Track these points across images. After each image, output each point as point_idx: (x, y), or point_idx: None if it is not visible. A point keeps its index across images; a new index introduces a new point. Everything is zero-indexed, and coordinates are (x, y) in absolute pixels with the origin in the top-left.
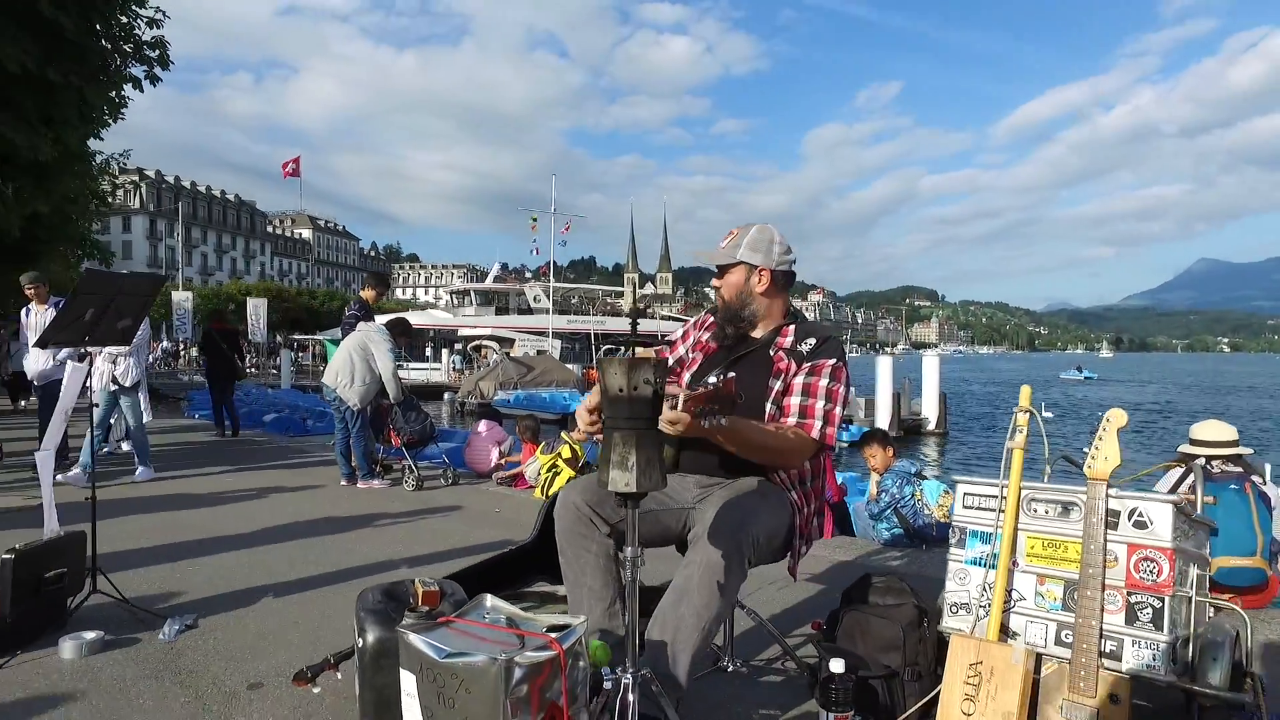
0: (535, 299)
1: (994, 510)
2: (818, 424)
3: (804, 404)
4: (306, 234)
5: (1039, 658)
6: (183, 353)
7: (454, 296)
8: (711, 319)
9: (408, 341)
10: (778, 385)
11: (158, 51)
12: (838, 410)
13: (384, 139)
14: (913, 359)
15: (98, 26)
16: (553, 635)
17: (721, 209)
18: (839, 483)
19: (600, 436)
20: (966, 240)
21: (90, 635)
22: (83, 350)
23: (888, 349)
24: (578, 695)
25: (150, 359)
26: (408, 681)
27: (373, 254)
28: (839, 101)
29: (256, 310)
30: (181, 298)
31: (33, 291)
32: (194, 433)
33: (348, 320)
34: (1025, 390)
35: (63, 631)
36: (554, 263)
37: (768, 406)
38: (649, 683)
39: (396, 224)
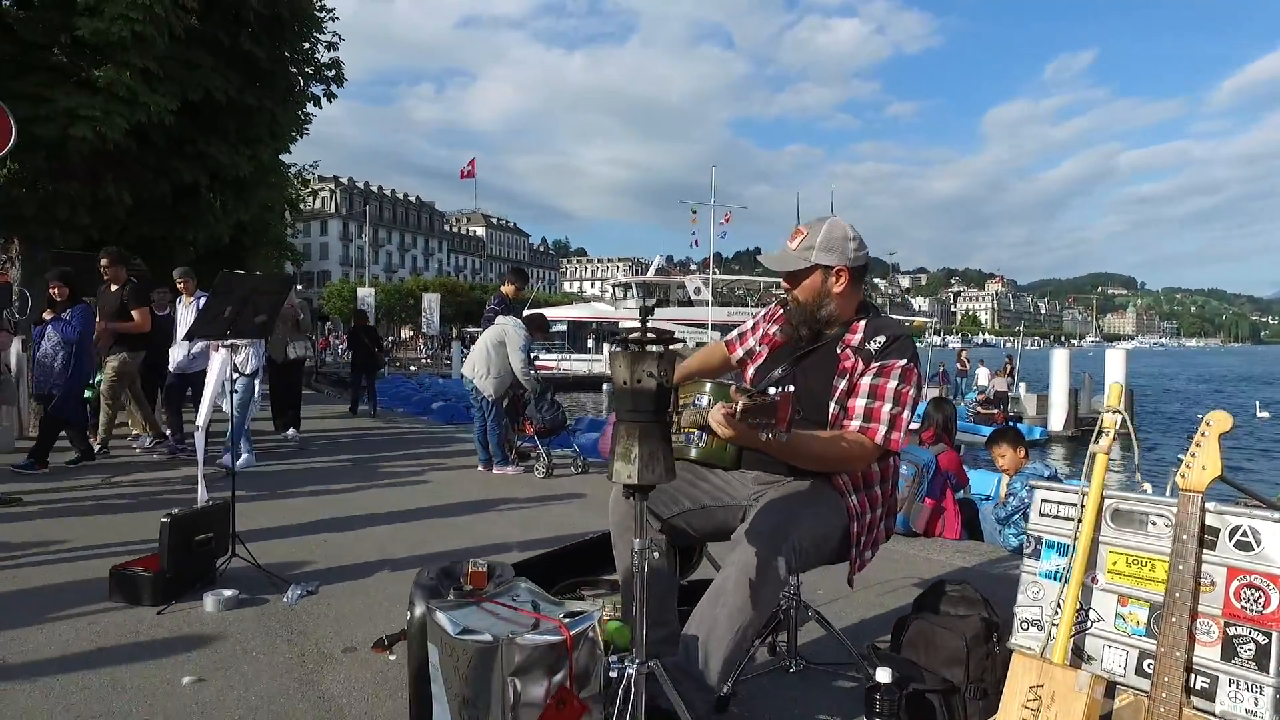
0: (696, 291)
1: (1073, 520)
2: (882, 429)
3: (869, 407)
4: (480, 231)
5: (1112, 687)
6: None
7: (616, 289)
8: (781, 311)
9: (544, 335)
10: (842, 385)
11: (334, 71)
12: (905, 414)
13: (554, 137)
14: (1102, 353)
15: (285, 54)
16: (564, 621)
17: (892, 196)
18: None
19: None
20: (1174, 220)
21: (228, 593)
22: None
23: (1074, 341)
24: (591, 681)
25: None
26: (433, 653)
27: (541, 248)
28: (1023, 76)
29: (431, 305)
30: (365, 293)
31: (182, 285)
32: (347, 419)
33: (488, 314)
34: (1114, 388)
35: (208, 588)
36: (714, 255)
37: (831, 406)
38: (677, 679)
39: (565, 219)
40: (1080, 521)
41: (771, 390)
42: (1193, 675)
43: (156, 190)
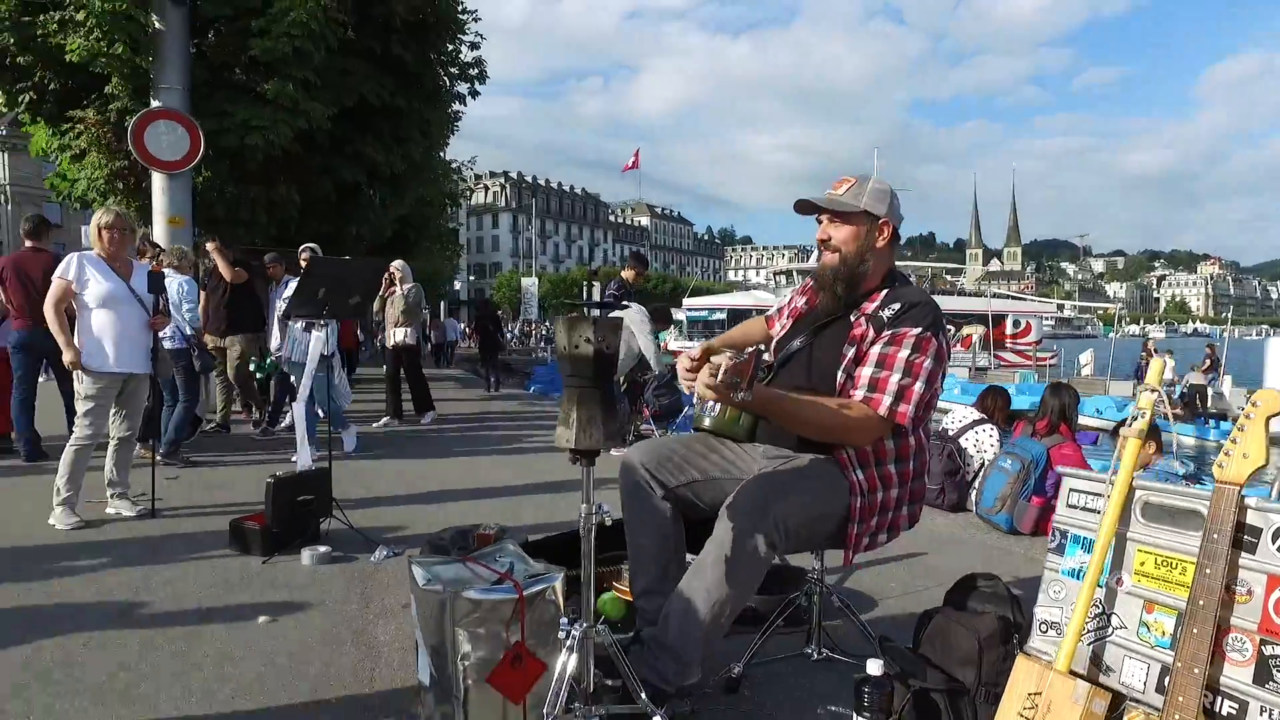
0: None
1: (1100, 512)
2: (887, 400)
3: (875, 376)
4: (645, 221)
5: (1121, 702)
6: (532, 332)
7: (776, 277)
8: (813, 283)
9: (665, 326)
10: (851, 353)
11: (476, 70)
12: (918, 387)
13: (719, 125)
14: None
15: (430, 56)
16: (519, 580)
17: (1084, 173)
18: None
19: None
20: None
21: (323, 549)
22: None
23: None
24: (548, 639)
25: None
26: (412, 603)
27: (705, 237)
28: (1252, 25)
29: (530, 290)
30: (529, 283)
31: (271, 271)
32: (484, 399)
33: (606, 298)
34: (1156, 365)
35: (309, 544)
36: None
37: (838, 375)
38: (654, 651)
39: (730, 207)
40: (1103, 514)
41: (747, 352)
42: (1219, 699)
43: (321, 189)
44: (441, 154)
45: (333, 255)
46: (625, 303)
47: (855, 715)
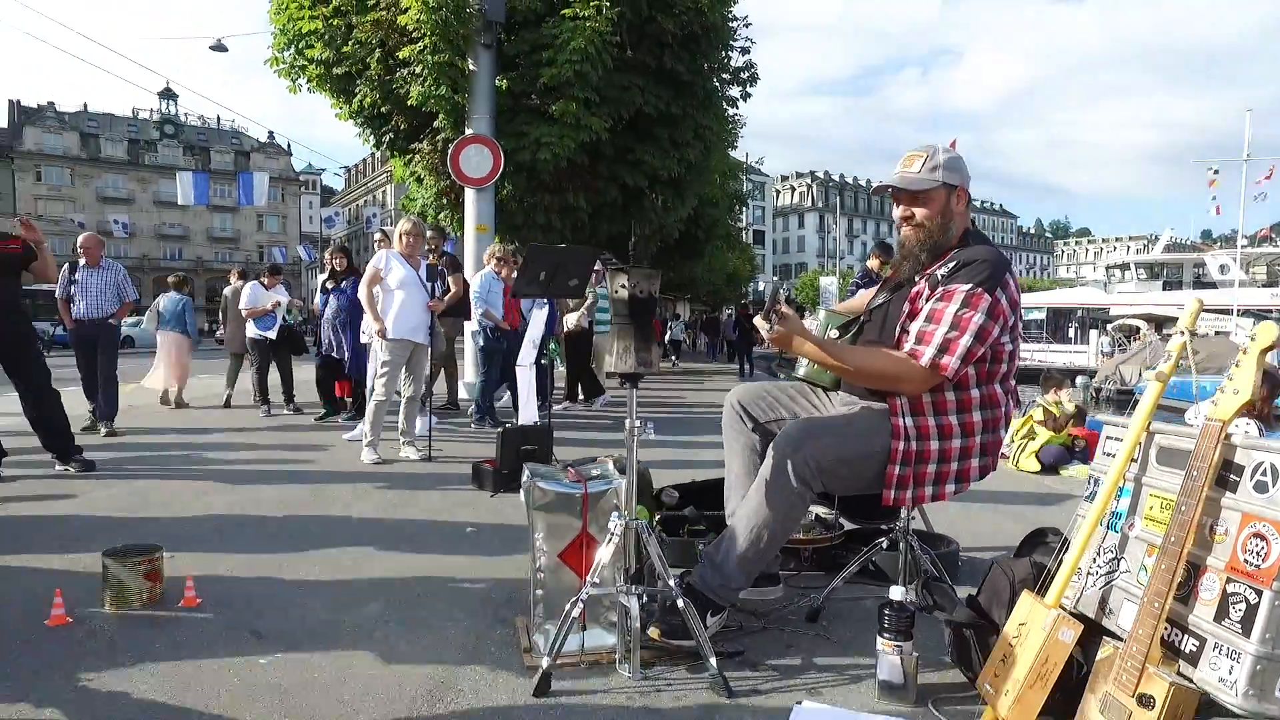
0: (1222, 269)
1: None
2: (929, 351)
3: (923, 330)
4: None
5: (1096, 633)
6: None
7: (1110, 271)
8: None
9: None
10: (906, 310)
11: (747, 73)
12: (964, 340)
13: (1055, 107)
14: None
15: (703, 65)
16: (586, 480)
17: None
18: None
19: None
20: None
21: None
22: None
23: None
24: (605, 528)
25: None
26: (523, 494)
27: (1032, 231)
28: None
29: (829, 286)
30: (828, 282)
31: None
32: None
33: (851, 287)
34: (1192, 304)
35: None
36: (1242, 223)
37: (897, 330)
38: (705, 567)
39: (1065, 196)
40: (1113, 456)
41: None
42: (1185, 636)
43: (608, 195)
44: (727, 155)
45: (614, 255)
46: (860, 288)
47: (878, 636)
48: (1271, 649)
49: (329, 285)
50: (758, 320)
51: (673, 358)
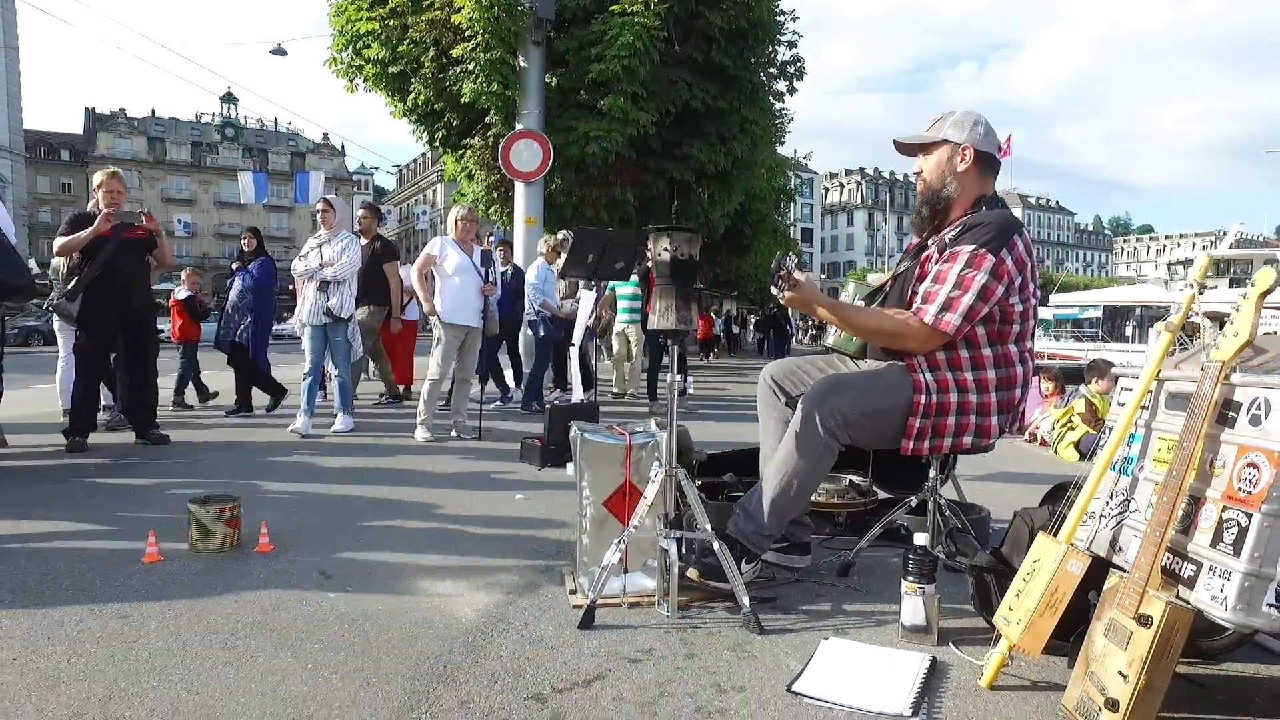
0: None
1: (1141, 406)
2: (932, 310)
3: (928, 290)
4: (1016, 212)
5: (1102, 567)
6: None
7: (1172, 268)
8: None
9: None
10: (916, 272)
11: (794, 68)
12: (966, 299)
13: (1117, 99)
14: None
15: (749, 60)
16: (629, 433)
17: None
18: None
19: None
20: None
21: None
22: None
23: None
24: (647, 478)
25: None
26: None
27: (1089, 229)
28: None
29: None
30: (852, 289)
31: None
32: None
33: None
34: (1202, 259)
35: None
36: None
37: (908, 293)
38: (738, 515)
39: (1127, 192)
40: (1124, 405)
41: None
42: (1184, 563)
43: (655, 189)
44: (774, 150)
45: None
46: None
47: (902, 580)
48: (1259, 566)
49: (234, 267)
50: (772, 289)
51: (713, 350)
